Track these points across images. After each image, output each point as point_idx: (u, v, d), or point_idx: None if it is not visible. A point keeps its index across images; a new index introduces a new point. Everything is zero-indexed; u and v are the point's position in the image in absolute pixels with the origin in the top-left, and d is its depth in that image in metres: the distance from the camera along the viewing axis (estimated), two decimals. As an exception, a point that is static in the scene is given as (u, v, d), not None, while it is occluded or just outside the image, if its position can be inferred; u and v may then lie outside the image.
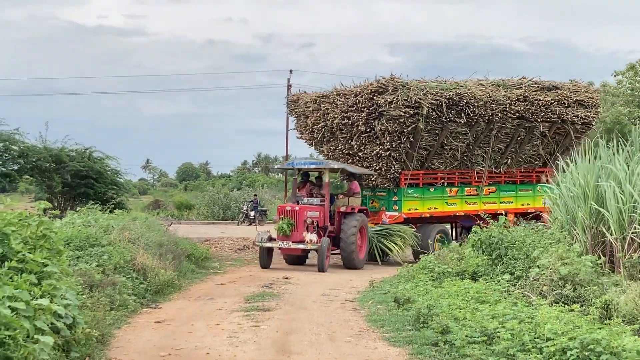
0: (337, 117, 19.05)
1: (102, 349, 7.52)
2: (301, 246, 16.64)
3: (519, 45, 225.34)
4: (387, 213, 19.24)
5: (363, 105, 18.32)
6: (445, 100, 18.27)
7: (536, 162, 21.89)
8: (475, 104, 18.82)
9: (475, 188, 20.54)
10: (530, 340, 6.77)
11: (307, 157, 20.51)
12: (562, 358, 6.25)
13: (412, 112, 17.74)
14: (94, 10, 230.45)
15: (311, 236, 16.43)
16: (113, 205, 19.54)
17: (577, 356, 6.18)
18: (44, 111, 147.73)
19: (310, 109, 20.27)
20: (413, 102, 17.71)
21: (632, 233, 11.05)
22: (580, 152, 13.22)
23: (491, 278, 11.35)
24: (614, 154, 12.71)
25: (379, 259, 18.15)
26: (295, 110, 21.13)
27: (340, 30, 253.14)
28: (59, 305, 5.91)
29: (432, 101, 18.02)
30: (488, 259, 12.30)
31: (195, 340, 8.32)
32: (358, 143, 18.91)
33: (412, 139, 18.41)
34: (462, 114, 18.70)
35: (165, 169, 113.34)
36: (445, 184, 20.06)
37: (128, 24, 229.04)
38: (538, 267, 10.49)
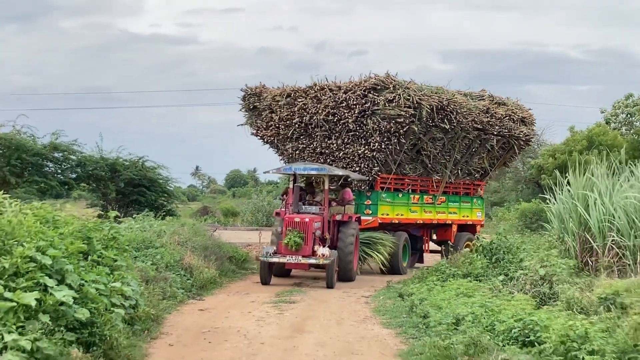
0: (321, 113, 18.04)
1: (157, 326, 9.56)
2: (312, 261, 15.18)
3: (573, 52, 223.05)
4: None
5: (355, 102, 17.43)
6: (437, 103, 17.88)
7: (476, 175, 21.75)
8: (458, 111, 18.64)
9: (431, 197, 20.06)
10: (489, 323, 8.59)
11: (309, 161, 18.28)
12: (508, 335, 8.05)
13: (411, 112, 17.20)
14: (148, 19, 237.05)
15: (324, 250, 15.16)
16: (165, 213, 21.72)
17: (520, 333, 7.98)
18: (98, 119, 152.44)
19: (281, 103, 19.01)
20: (415, 102, 17.22)
21: (612, 241, 12.72)
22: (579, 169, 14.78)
23: (488, 278, 13.16)
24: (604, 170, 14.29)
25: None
26: (258, 105, 19.64)
27: (392, 38, 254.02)
28: (126, 288, 7.97)
29: (432, 103, 17.69)
30: (488, 262, 14.13)
31: (230, 322, 10.32)
32: (339, 142, 18.10)
33: (402, 140, 17.74)
34: (446, 120, 18.33)
35: (214, 176, 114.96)
36: (410, 190, 19.51)
37: (181, 32, 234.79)
38: (527, 268, 12.28)
